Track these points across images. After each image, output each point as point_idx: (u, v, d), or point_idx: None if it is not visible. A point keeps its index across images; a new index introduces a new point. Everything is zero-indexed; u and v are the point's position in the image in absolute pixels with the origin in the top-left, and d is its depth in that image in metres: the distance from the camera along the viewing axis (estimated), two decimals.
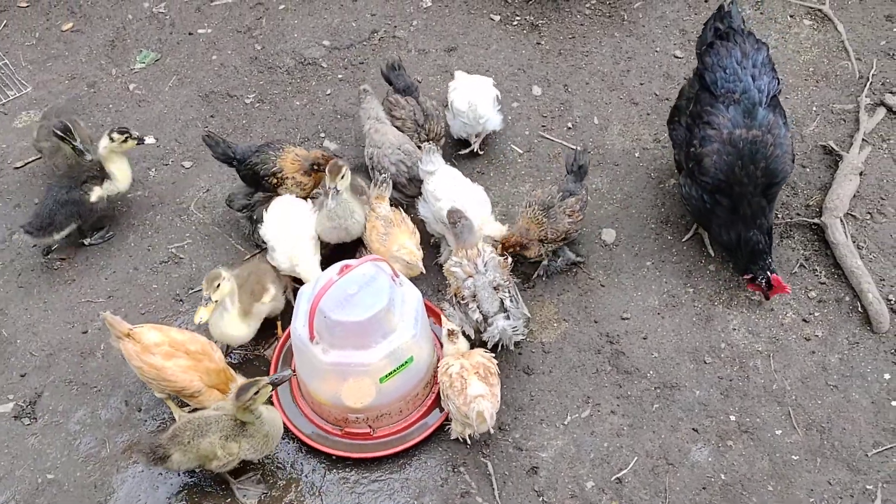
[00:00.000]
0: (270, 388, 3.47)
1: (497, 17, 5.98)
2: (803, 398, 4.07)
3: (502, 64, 5.67)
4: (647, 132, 5.25)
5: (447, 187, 4.42)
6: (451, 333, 3.94)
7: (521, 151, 5.18)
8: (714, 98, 4.19)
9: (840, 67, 5.45)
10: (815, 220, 4.60)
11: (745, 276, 4.27)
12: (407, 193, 4.64)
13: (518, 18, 5.99)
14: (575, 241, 4.56)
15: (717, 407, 4.07)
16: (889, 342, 4.20)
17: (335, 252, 4.46)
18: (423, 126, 4.82)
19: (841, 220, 4.52)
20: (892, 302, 4.33)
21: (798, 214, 4.73)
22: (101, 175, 4.65)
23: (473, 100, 4.86)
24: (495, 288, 3.96)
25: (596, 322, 4.41)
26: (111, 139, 4.57)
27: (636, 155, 5.14)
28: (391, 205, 4.45)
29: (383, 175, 4.43)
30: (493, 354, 3.94)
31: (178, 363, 3.69)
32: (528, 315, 4.12)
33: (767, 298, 4.31)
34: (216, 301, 3.77)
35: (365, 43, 5.84)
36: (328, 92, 5.54)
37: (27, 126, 5.39)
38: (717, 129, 4.12)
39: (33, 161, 5.19)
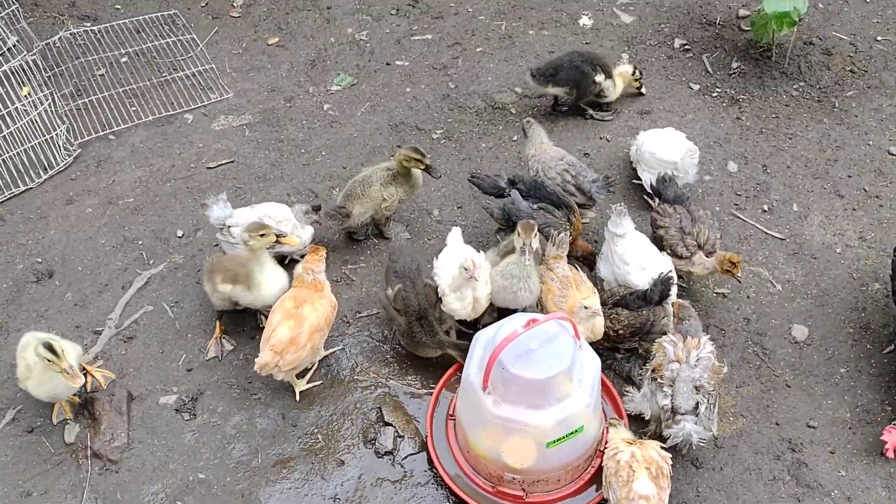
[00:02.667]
0: (423, 165, 4.52)
1: (696, 87, 5.78)
2: None
3: (697, 134, 5.44)
4: (852, 228, 4.87)
5: (637, 253, 4.23)
6: (611, 422, 3.73)
7: (718, 235, 4.91)
8: None
9: None
10: None
11: None
12: (578, 204, 4.56)
13: (718, 90, 5.76)
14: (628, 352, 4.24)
15: None
16: None
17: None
18: (690, 233, 4.36)
19: None
20: None
21: None
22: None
23: (685, 146, 4.87)
24: (696, 388, 3.68)
25: (777, 424, 4.05)
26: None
27: (837, 251, 4.77)
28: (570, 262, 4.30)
29: (560, 232, 4.25)
30: (669, 454, 3.62)
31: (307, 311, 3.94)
32: (716, 433, 3.80)
33: None
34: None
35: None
36: (514, 138, 5.47)
37: (224, 129, 5.61)
38: None
39: (226, 163, 5.37)
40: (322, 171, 5.30)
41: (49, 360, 3.64)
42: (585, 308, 3.89)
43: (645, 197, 4.93)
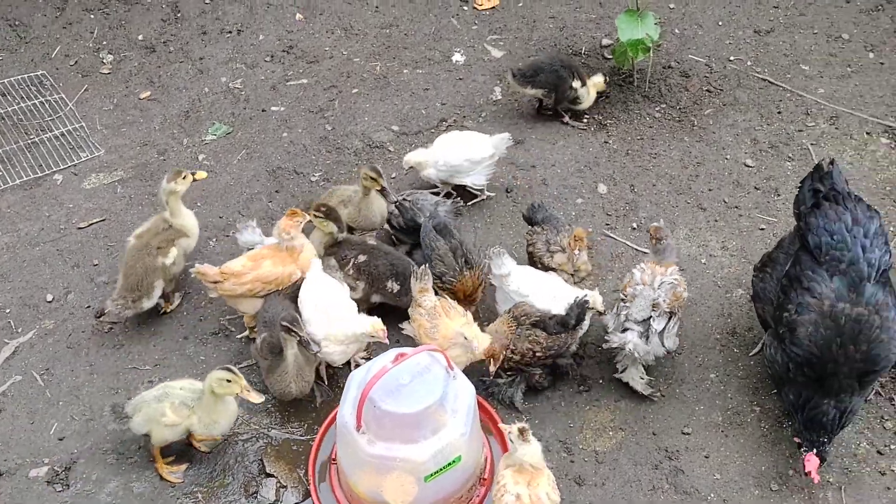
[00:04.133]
0: (379, 187, 4.61)
1: (567, 114, 5.98)
2: None
3: (569, 159, 5.63)
4: (715, 239, 5.10)
5: (531, 282, 4.36)
6: (522, 431, 3.76)
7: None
8: (817, 263, 3.80)
9: None
10: None
11: (801, 447, 3.85)
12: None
13: (587, 117, 5.98)
14: (535, 375, 4.26)
15: None
16: None
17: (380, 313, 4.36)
18: (554, 241, 4.54)
19: None
20: None
21: None
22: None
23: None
24: (654, 305, 4.07)
25: (654, 434, 4.18)
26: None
27: (702, 261, 4.99)
28: (436, 292, 4.37)
29: (420, 267, 4.32)
30: (558, 496, 3.60)
31: (266, 264, 4.31)
32: (667, 351, 4.16)
33: (807, 474, 3.82)
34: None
35: (433, 130, 5.88)
36: (393, 175, 5.54)
37: (95, 187, 5.49)
38: (817, 299, 3.72)
39: (97, 222, 5.25)
40: (199, 221, 5.24)
41: None
42: (465, 338, 3.96)
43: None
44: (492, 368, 4.06)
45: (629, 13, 5.65)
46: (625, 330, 4.11)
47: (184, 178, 4.60)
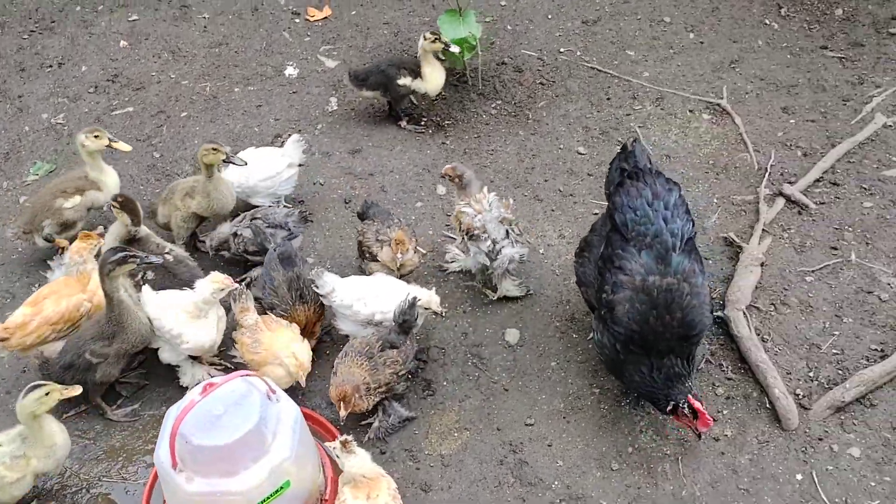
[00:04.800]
0: (224, 155, 4.54)
1: (403, 118, 5.96)
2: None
3: (407, 164, 5.61)
4: (552, 228, 5.17)
5: (354, 291, 4.28)
6: (345, 444, 3.67)
7: (424, 252, 5.04)
8: (625, 241, 3.86)
9: (739, 160, 5.49)
10: (719, 313, 4.49)
11: (668, 410, 3.86)
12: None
13: (425, 119, 5.98)
14: (403, 395, 4.22)
15: None
16: (799, 440, 4.03)
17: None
18: (383, 233, 4.58)
19: (744, 313, 4.43)
20: (801, 397, 4.19)
21: None
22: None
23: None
24: (501, 221, 4.45)
25: (499, 430, 4.17)
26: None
27: (541, 252, 5.04)
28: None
29: (239, 287, 4.21)
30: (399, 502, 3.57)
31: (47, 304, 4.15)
32: (529, 247, 4.70)
33: (699, 436, 3.87)
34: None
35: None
36: None
37: None
38: (629, 276, 3.78)
39: None
40: (19, 268, 4.96)
41: None
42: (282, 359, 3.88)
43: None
44: (342, 413, 3.89)
45: (450, 13, 5.68)
46: (500, 251, 4.49)
47: (96, 136, 4.71)
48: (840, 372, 4.28)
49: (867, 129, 5.54)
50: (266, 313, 4.26)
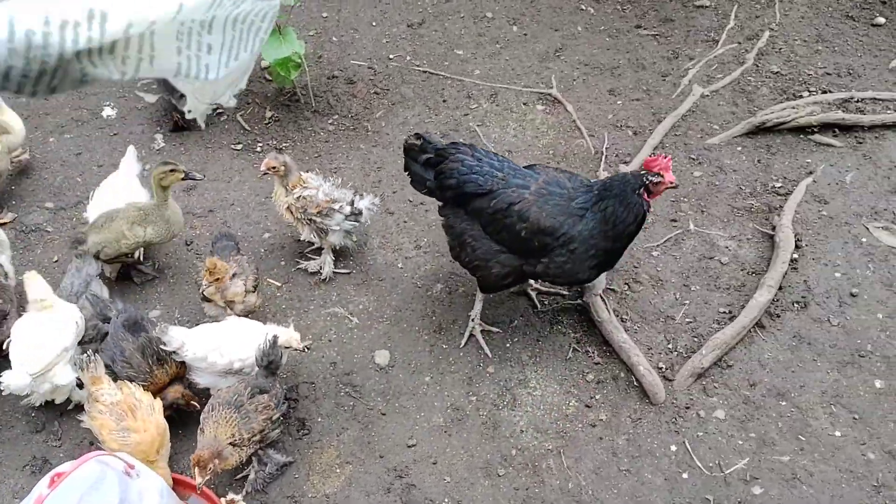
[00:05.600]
0: (182, 175, 4.44)
1: (238, 146, 5.73)
2: (599, 491, 3.93)
3: (248, 195, 5.39)
4: (407, 240, 5.12)
5: (205, 342, 4.02)
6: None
7: (279, 284, 4.87)
8: (483, 196, 4.07)
9: (576, 146, 5.64)
10: (578, 301, 4.59)
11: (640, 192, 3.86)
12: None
13: (260, 144, 5.77)
14: (278, 440, 4.05)
15: None
16: (668, 412, 4.19)
17: None
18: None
19: (601, 297, 4.55)
20: (664, 369, 4.36)
21: (563, 297, 4.72)
22: None
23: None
24: (355, 195, 4.70)
25: (381, 457, 4.08)
26: None
27: (399, 266, 4.98)
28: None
29: (86, 354, 3.88)
30: None
31: None
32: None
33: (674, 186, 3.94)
34: None
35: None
36: (55, 259, 4.97)
37: None
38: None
39: None
40: None
41: None
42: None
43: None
44: (198, 480, 3.59)
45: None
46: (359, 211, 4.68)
47: None
48: (695, 339, 4.48)
49: (687, 101, 5.84)
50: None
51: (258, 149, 5.74)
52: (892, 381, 4.27)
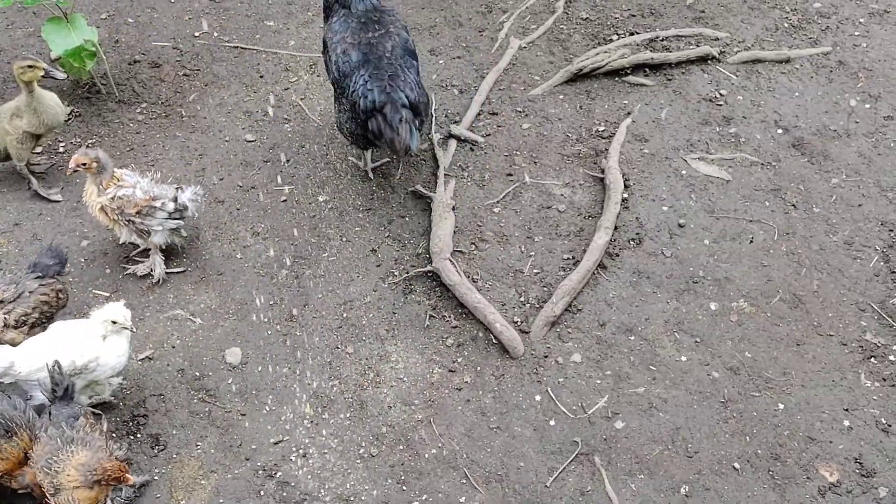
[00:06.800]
0: (42, 71, 4.54)
1: (38, 150, 5.16)
2: (473, 452, 3.95)
3: (57, 203, 4.89)
4: (243, 228, 4.85)
5: (40, 352, 3.69)
6: None
7: (107, 294, 4.48)
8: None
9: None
10: (429, 268, 4.55)
11: None
12: None
13: (62, 144, 5.25)
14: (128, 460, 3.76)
15: (399, 498, 3.79)
16: (529, 363, 4.27)
17: None
18: None
19: (450, 261, 4.53)
20: (520, 323, 4.42)
21: (413, 266, 4.66)
22: None
23: None
24: (177, 198, 4.45)
25: (247, 459, 3.89)
26: None
27: (238, 256, 4.72)
28: None
29: None
30: None
31: None
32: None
33: None
34: None
35: None
36: None
37: None
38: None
39: None
40: None
41: None
42: None
43: None
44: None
45: (54, 21, 4.96)
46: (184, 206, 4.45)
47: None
48: (545, 289, 4.58)
49: (507, 55, 5.88)
50: None
51: (60, 149, 5.21)
52: (725, 301, 4.57)
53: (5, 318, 3.86)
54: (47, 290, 4.03)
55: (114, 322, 3.76)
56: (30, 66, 4.55)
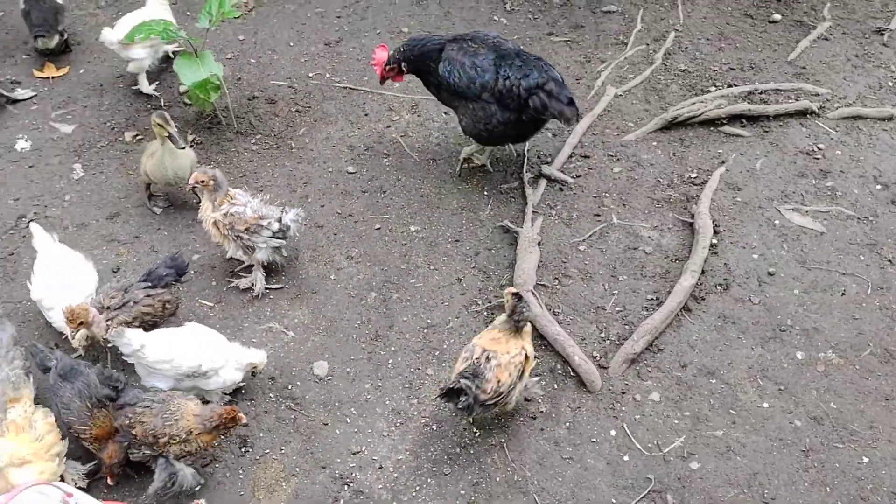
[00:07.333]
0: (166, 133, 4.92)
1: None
2: (545, 480, 3.99)
3: (175, 217, 5.31)
4: (338, 252, 5.13)
5: (170, 345, 4.02)
6: None
7: (211, 304, 4.81)
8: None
9: (498, 150, 5.75)
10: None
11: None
12: None
13: None
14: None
15: None
16: (605, 398, 4.30)
17: None
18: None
19: (533, 293, 4.64)
20: (598, 358, 4.47)
21: (496, 297, 4.79)
22: None
23: None
24: (282, 216, 4.73)
25: (324, 467, 4.07)
26: None
27: (332, 277, 4.98)
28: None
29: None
30: None
31: None
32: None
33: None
34: None
35: (13, 231, 5.21)
36: None
37: None
38: None
39: None
40: None
41: None
42: None
43: None
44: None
45: (185, 56, 5.45)
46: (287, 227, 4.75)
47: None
48: (626, 327, 4.61)
49: (602, 101, 6.03)
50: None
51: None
52: (812, 351, 4.48)
53: (108, 324, 4.20)
54: (153, 302, 4.35)
55: (254, 368, 4.17)
56: (159, 124, 4.91)
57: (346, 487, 3.99)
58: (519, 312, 3.97)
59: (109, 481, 3.91)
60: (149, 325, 4.33)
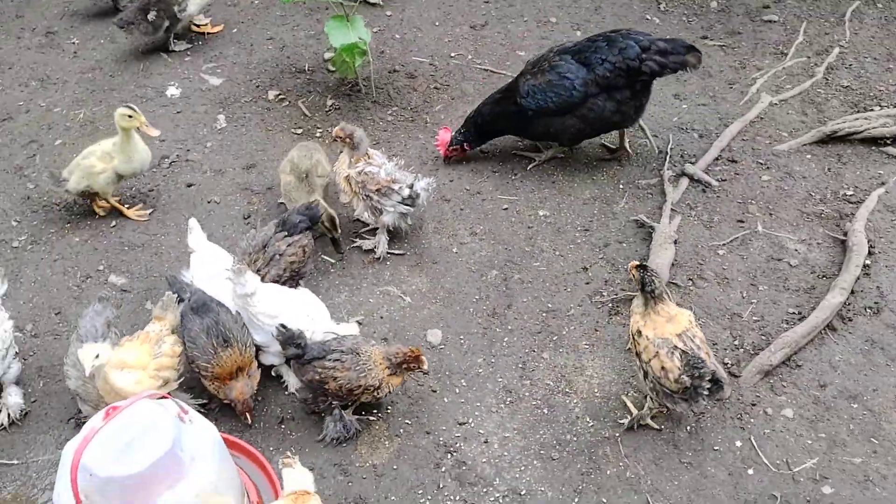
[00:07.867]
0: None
1: (299, 131, 5.73)
2: (659, 481, 3.73)
3: None
4: (463, 227, 5.03)
5: (278, 301, 4.02)
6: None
7: (333, 261, 4.81)
8: None
9: (640, 146, 5.54)
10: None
11: None
12: None
13: (320, 130, 5.76)
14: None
15: None
16: (734, 408, 4.00)
17: None
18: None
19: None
20: (730, 365, 4.17)
21: (623, 290, 4.57)
22: None
23: None
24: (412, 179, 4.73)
25: (428, 433, 3.95)
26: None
27: (454, 250, 4.88)
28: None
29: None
30: None
31: None
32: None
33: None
34: None
35: (155, 170, 5.38)
36: (113, 224, 4.98)
37: None
38: None
39: None
40: None
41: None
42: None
43: None
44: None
45: (337, 18, 5.51)
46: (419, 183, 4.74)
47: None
48: (763, 337, 4.29)
49: (755, 108, 5.72)
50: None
51: (318, 134, 5.73)
52: None
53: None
54: (295, 249, 4.34)
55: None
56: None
57: (448, 455, 3.85)
58: (650, 282, 3.72)
59: (249, 419, 3.90)
60: (296, 273, 4.34)
